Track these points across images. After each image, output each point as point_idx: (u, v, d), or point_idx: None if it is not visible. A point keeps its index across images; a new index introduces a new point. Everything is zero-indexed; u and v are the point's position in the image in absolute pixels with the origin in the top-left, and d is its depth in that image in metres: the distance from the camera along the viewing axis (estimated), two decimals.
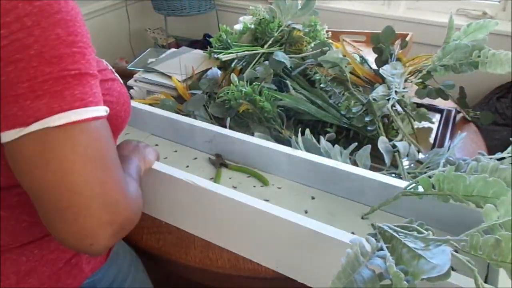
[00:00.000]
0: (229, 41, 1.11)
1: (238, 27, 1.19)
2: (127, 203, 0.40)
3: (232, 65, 1.07)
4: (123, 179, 0.41)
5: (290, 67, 0.99)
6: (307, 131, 0.82)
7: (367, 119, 0.84)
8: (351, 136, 0.90)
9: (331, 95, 0.93)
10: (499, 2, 1.68)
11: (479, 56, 0.81)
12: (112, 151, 0.41)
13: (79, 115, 0.37)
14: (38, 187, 0.37)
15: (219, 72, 1.05)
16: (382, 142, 0.78)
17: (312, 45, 1.04)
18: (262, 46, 1.07)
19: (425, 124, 1.03)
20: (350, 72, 0.95)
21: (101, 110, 0.39)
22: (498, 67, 0.79)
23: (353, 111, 0.86)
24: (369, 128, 0.85)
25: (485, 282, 0.53)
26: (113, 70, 0.56)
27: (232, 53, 1.05)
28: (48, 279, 0.51)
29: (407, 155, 0.79)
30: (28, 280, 0.49)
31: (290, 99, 0.88)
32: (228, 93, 0.90)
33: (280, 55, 0.96)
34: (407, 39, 1.15)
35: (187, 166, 0.88)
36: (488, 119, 1.07)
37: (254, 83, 0.91)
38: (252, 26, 1.11)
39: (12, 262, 0.49)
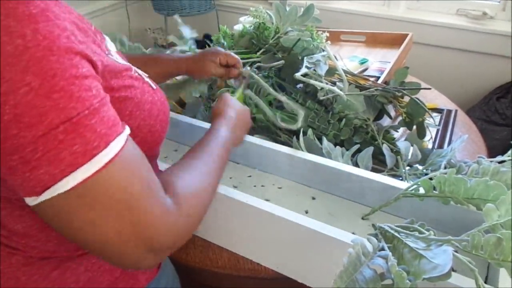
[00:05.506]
0: (225, 44, 1.10)
1: (238, 27, 1.19)
2: (168, 229, 0.38)
3: None
4: (161, 201, 0.38)
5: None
6: (310, 131, 0.82)
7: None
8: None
9: (328, 103, 0.90)
10: (499, 2, 1.68)
11: None
12: (139, 179, 0.36)
13: (85, 172, 0.32)
14: (74, 239, 0.36)
15: None
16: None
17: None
18: (258, 51, 1.05)
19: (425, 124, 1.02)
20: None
21: (115, 147, 0.34)
22: None
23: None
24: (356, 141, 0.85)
25: (485, 283, 0.53)
26: (143, 75, 0.49)
27: None
28: None
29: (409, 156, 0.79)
30: None
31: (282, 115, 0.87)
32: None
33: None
34: (407, 39, 1.15)
35: None
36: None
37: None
38: (251, 29, 1.10)
39: (72, 272, 0.48)
